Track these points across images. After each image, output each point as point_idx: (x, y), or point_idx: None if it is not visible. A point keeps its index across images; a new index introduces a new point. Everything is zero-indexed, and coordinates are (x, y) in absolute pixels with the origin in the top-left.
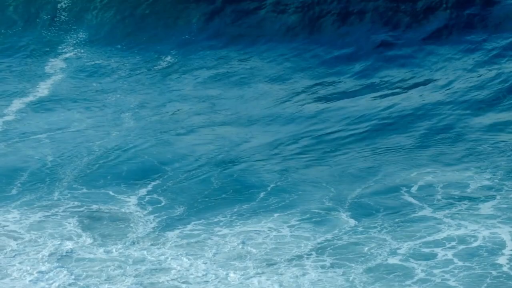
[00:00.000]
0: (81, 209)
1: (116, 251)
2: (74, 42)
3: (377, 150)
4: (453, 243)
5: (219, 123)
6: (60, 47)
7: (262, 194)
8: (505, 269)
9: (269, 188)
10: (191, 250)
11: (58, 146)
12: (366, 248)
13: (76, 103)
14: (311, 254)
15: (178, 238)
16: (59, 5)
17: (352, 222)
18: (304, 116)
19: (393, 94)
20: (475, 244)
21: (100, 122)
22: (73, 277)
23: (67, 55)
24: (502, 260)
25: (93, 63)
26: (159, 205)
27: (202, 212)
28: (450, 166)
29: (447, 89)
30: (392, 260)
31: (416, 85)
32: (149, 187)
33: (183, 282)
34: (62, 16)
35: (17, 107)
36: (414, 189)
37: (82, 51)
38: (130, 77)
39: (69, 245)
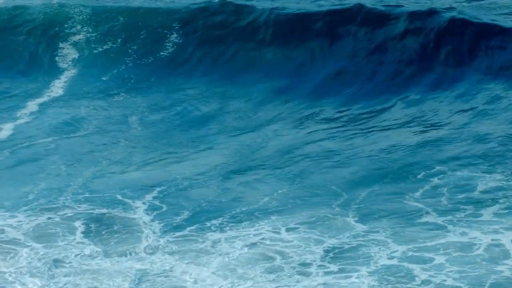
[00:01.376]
0: (86, 215)
1: (120, 260)
2: (84, 34)
3: (384, 152)
4: (456, 248)
5: (228, 127)
6: (69, 40)
7: (266, 199)
8: (506, 274)
9: (275, 194)
10: (195, 258)
11: (66, 152)
12: (371, 253)
13: (85, 104)
14: (316, 259)
15: (181, 245)
16: None
17: (357, 226)
18: (313, 120)
19: (400, 97)
20: (477, 251)
21: (109, 126)
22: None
23: (77, 47)
24: (503, 267)
25: (103, 58)
26: (164, 213)
27: (208, 218)
28: (458, 167)
29: (455, 92)
30: (395, 264)
31: (423, 88)
32: (155, 193)
33: None
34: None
35: (29, 109)
36: (420, 192)
37: (92, 43)
38: (138, 75)
39: (72, 253)
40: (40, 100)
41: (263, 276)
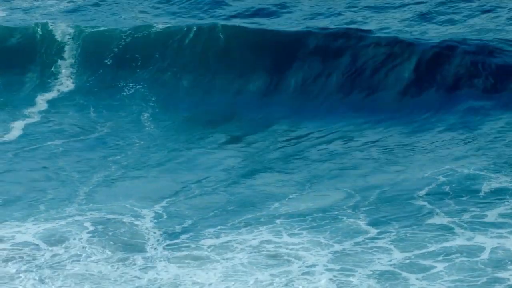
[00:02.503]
0: (93, 222)
1: (126, 266)
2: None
3: (393, 152)
4: (459, 253)
5: (239, 130)
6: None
7: (276, 204)
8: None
9: (286, 199)
10: (200, 265)
11: (74, 156)
12: (375, 257)
13: (95, 101)
14: (319, 261)
15: (186, 251)
16: None
17: (362, 229)
18: (319, 123)
19: (404, 99)
20: (482, 255)
21: (120, 126)
22: None
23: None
24: (507, 274)
25: (112, 54)
26: (170, 219)
27: (215, 224)
28: (465, 166)
29: (458, 92)
30: (397, 269)
31: (428, 90)
32: (164, 203)
33: None
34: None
35: (38, 107)
36: (426, 192)
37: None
38: (149, 73)
39: (76, 259)
40: (49, 95)
41: (269, 280)
